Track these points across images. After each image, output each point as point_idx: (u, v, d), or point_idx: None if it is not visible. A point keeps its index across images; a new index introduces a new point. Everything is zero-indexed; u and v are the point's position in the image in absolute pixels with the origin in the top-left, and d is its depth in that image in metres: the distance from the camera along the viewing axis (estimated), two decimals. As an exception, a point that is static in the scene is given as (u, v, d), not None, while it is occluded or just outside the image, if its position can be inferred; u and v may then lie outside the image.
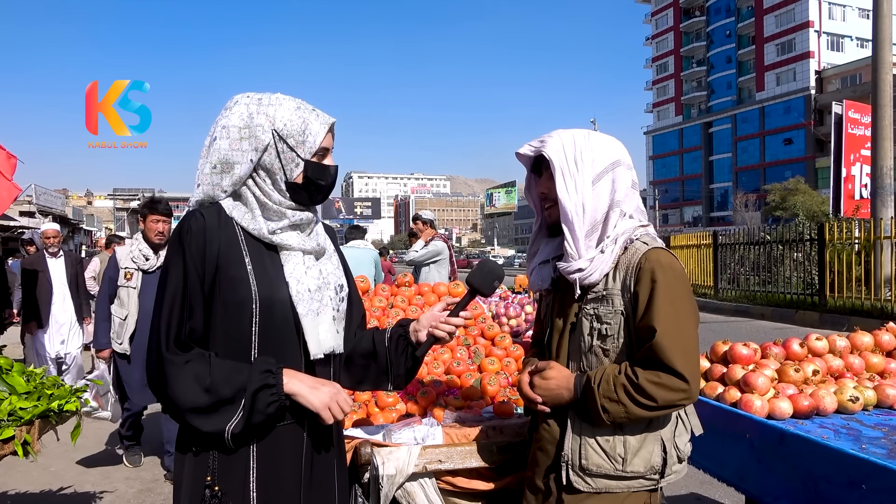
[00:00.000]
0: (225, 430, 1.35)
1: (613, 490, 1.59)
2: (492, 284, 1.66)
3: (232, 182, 1.47)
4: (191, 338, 1.41)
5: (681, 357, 1.50)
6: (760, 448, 2.04)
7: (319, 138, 1.49)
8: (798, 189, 40.31)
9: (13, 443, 2.35)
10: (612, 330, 1.60)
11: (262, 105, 1.47)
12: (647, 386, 1.50)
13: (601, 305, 1.62)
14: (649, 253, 1.58)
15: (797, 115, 55.77)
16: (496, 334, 2.90)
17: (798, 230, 13.36)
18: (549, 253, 1.77)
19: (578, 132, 1.67)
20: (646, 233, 1.66)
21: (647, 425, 1.60)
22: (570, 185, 1.60)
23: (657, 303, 1.52)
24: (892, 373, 2.39)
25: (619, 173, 1.64)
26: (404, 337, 1.65)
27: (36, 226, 19.89)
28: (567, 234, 1.61)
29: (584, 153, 1.62)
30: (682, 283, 1.57)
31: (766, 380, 2.16)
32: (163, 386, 1.37)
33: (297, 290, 1.46)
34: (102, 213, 66.51)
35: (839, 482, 1.75)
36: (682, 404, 1.55)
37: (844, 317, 10.46)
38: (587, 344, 1.64)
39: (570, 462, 1.61)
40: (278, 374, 1.40)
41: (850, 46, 57.44)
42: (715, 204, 66.44)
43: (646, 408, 1.51)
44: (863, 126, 14.29)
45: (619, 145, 1.70)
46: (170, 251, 1.46)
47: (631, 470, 1.57)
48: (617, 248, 1.62)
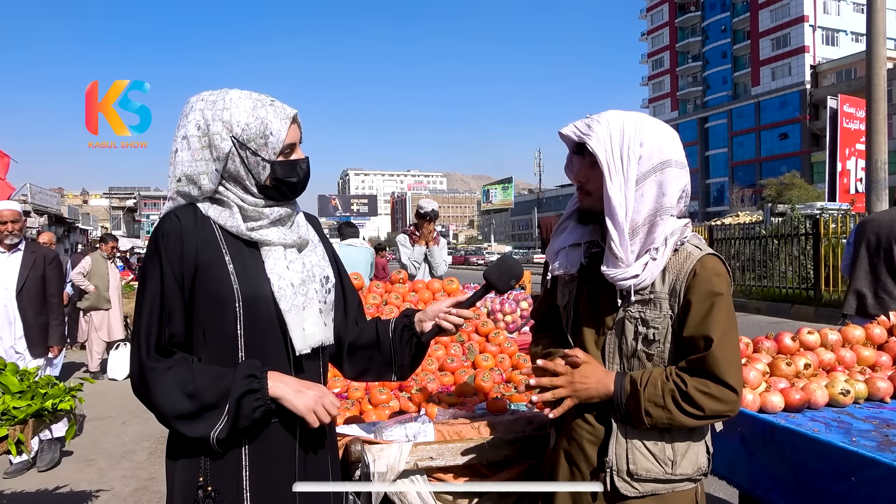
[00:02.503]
0: (210, 435, 1.35)
1: (659, 492, 1.54)
2: (508, 282, 1.61)
3: (201, 193, 1.44)
4: (172, 343, 1.40)
5: (732, 368, 1.46)
6: (752, 441, 2.05)
7: (282, 136, 1.43)
8: (794, 183, 40.45)
9: (7, 442, 2.35)
10: (660, 335, 1.53)
11: (217, 109, 1.41)
12: (695, 395, 1.45)
13: (648, 309, 1.54)
14: (704, 260, 1.51)
15: (792, 109, 55.85)
16: (490, 331, 2.90)
17: (793, 224, 13.40)
18: (579, 237, 1.65)
19: (630, 120, 1.53)
20: (694, 234, 1.59)
21: (692, 429, 1.55)
22: (617, 182, 1.49)
23: (716, 313, 1.47)
24: (882, 366, 2.40)
25: (668, 175, 1.50)
26: (409, 327, 1.62)
27: (31, 225, 19.81)
28: (612, 234, 1.50)
29: (631, 148, 1.49)
30: (730, 293, 1.53)
31: (757, 374, 2.17)
32: (146, 393, 1.36)
33: (280, 286, 1.44)
34: (98, 212, 66.20)
35: (830, 475, 1.76)
36: (726, 416, 1.51)
37: (840, 311, 10.49)
38: (630, 347, 1.56)
39: (616, 468, 1.53)
40: (263, 378, 1.38)
41: (845, 41, 57.51)
42: (711, 199, 66.55)
43: (691, 416, 1.47)
44: (857, 120, 14.35)
45: (674, 139, 1.55)
46: (146, 256, 1.44)
47: (680, 472, 1.53)
48: (668, 251, 1.53)
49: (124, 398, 6.73)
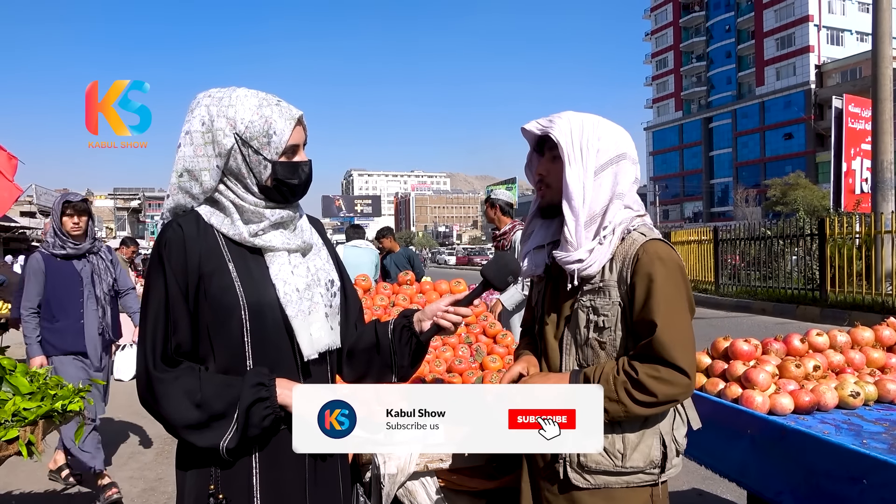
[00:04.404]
0: (220, 445, 1.35)
1: (612, 486, 1.57)
2: (506, 279, 1.61)
3: (202, 190, 1.44)
4: (178, 352, 1.39)
5: (681, 351, 1.49)
6: (762, 444, 2.04)
7: (286, 136, 1.43)
8: (798, 184, 40.31)
9: (17, 443, 2.36)
10: (609, 322, 1.58)
11: (223, 106, 1.41)
12: (646, 381, 1.48)
13: (598, 297, 1.59)
14: (647, 245, 1.55)
15: (797, 109, 55.68)
16: (498, 332, 2.90)
17: (799, 225, 13.36)
18: (543, 238, 1.73)
19: (588, 117, 1.62)
20: (643, 223, 1.63)
21: (646, 420, 1.58)
22: (576, 171, 1.56)
23: (656, 296, 1.50)
24: (892, 368, 2.39)
25: (623, 167, 1.60)
26: (408, 328, 1.61)
27: (37, 226, 19.88)
28: (568, 219, 1.57)
29: (590, 141, 1.57)
30: (681, 276, 1.55)
31: (767, 376, 2.17)
32: (154, 404, 1.36)
33: (285, 292, 1.43)
34: (103, 213, 66.47)
35: (840, 477, 1.76)
36: (681, 399, 1.55)
37: (845, 311, 10.47)
38: (583, 336, 1.62)
39: (568, 459, 1.58)
40: (271, 386, 1.38)
41: (850, 40, 57.32)
42: (715, 199, 66.39)
43: (645, 404, 1.50)
44: (863, 120, 14.28)
45: (627, 137, 1.65)
46: (149, 266, 1.44)
47: (630, 465, 1.56)
48: (615, 239, 1.59)
49: (131, 399, 6.73)
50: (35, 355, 3.89)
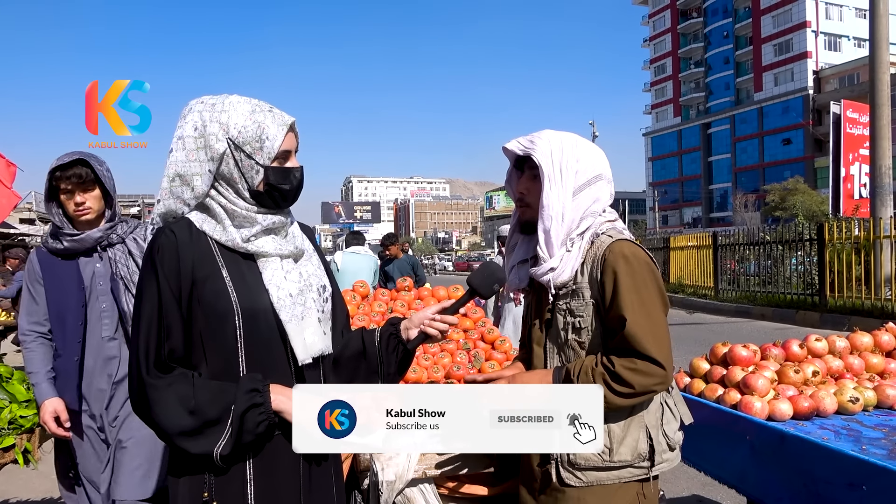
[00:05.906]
0: (213, 451, 1.34)
1: (605, 482, 1.60)
2: (491, 287, 1.64)
3: (194, 195, 1.44)
4: (172, 358, 1.39)
5: (652, 342, 1.53)
6: (761, 450, 2.04)
7: (278, 142, 1.44)
8: (797, 189, 40.41)
9: (14, 451, 2.35)
10: (585, 322, 1.63)
11: (215, 111, 1.43)
12: (623, 373, 1.52)
13: (573, 300, 1.65)
14: (613, 245, 1.61)
15: (795, 115, 55.82)
16: (496, 338, 2.90)
17: (798, 230, 13.37)
18: (525, 252, 1.79)
19: (567, 138, 1.68)
20: (612, 227, 1.69)
21: (630, 412, 1.62)
22: (556, 192, 1.63)
23: (623, 292, 1.56)
24: (892, 373, 2.39)
25: (600, 187, 1.68)
26: (395, 335, 1.61)
27: (36, 233, 19.89)
28: (542, 239, 1.65)
29: (569, 163, 1.64)
30: (647, 271, 1.60)
31: (765, 381, 2.16)
32: (147, 410, 1.36)
33: (279, 297, 1.44)
34: (102, 220, 66.27)
35: (840, 483, 1.75)
36: (658, 389, 1.58)
37: (845, 317, 10.45)
38: (563, 338, 1.67)
39: (559, 458, 1.62)
40: (265, 392, 1.38)
41: (848, 46, 57.50)
42: (714, 205, 66.45)
43: (623, 395, 1.53)
44: (861, 125, 14.30)
45: (603, 157, 1.72)
46: (142, 272, 1.43)
47: (618, 459, 1.59)
48: (584, 244, 1.65)
49: (129, 406, 6.71)
50: (46, 397, 2.35)
